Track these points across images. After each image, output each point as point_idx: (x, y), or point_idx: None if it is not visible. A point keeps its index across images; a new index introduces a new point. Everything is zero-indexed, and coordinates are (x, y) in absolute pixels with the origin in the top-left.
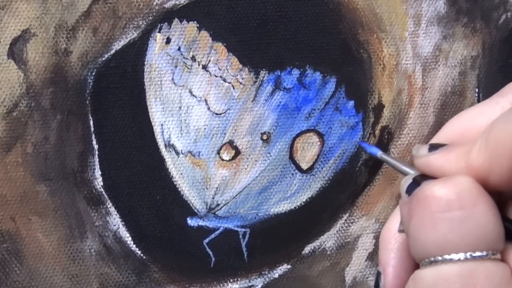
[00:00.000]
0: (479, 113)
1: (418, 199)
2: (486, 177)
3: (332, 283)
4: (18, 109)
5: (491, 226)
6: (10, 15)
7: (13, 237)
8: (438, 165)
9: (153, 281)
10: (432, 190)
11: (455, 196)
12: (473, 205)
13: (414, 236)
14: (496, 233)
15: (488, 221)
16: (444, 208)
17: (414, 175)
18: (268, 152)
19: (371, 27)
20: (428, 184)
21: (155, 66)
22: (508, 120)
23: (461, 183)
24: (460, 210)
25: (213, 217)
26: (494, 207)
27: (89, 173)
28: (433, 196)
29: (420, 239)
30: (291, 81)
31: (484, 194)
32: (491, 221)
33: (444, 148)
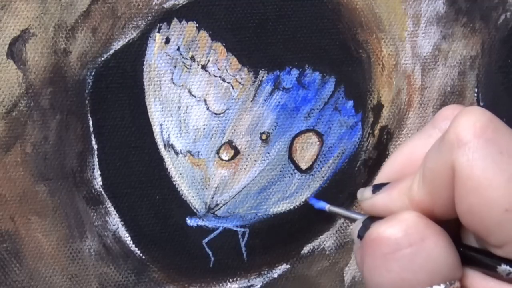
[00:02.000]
0: (415, 147)
1: (367, 243)
2: (431, 209)
3: (331, 283)
4: (18, 109)
5: (444, 256)
6: (9, 15)
7: (12, 237)
8: (383, 205)
9: (152, 281)
10: (378, 232)
11: (402, 234)
12: (421, 240)
13: (369, 280)
14: (450, 263)
15: (439, 253)
16: (393, 248)
17: (363, 219)
18: (267, 152)
19: (370, 27)
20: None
21: (154, 66)
22: (439, 151)
23: (406, 219)
24: (410, 247)
25: (212, 217)
26: (444, 237)
27: (88, 173)
28: (381, 238)
29: (375, 282)
30: (290, 81)
31: (432, 226)
32: (443, 251)
33: (387, 187)
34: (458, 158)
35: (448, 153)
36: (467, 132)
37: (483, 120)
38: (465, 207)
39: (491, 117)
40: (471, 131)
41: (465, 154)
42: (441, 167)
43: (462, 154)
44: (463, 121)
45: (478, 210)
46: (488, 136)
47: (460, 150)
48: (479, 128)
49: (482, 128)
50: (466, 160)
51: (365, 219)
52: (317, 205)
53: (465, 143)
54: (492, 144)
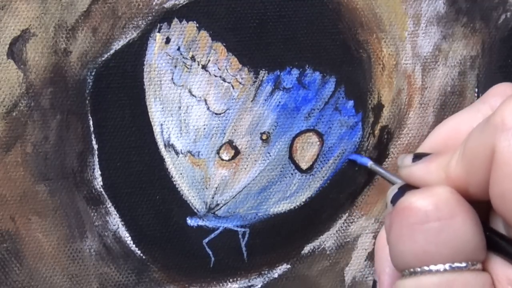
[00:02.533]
0: (462, 121)
1: (397, 210)
2: (466, 187)
3: (331, 283)
4: (18, 109)
5: (470, 236)
6: (9, 15)
7: (12, 237)
8: (420, 176)
9: (152, 281)
10: (410, 201)
11: (432, 207)
12: (451, 216)
13: (393, 247)
14: (475, 244)
15: (466, 232)
16: (421, 219)
17: (400, 185)
18: (267, 152)
19: (371, 27)
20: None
21: (155, 66)
22: (482, 131)
23: (439, 193)
24: (438, 221)
25: (213, 217)
26: (473, 217)
27: (88, 173)
28: (411, 208)
29: (399, 251)
30: (291, 81)
31: (463, 204)
32: (470, 231)
33: (427, 159)
34: (499, 141)
35: (490, 135)
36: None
37: None
38: (499, 191)
39: None
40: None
41: (507, 138)
42: (482, 147)
43: (504, 138)
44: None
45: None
46: None
47: (503, 134)
48: None
49: None
50: (508, 145)
51: (401, 186)
52: (360, 160)
53: (509, 128)
54: None
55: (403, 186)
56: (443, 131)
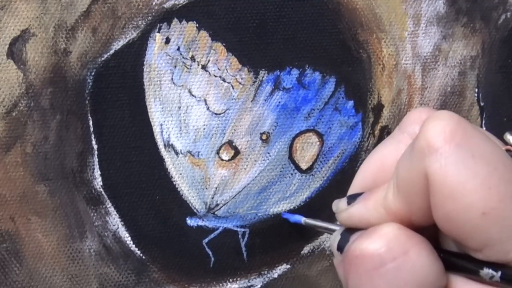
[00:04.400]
0: (385, 154)
1: (350, 259)
2: (408, 218)
3: (331, 283)
4: (18, 109)
5: (428, 266)
6: (9, 15)
7: (12, 237)
8: (360, 216)
9: (152, 281)
10: (361, 248)
11: (384, 249)
12: (404, 252)
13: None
14: (435, 272)
15: (423, 263)
16: (377, 263)
17: (340, 230)
18: (267, 152)
19: (371, 27)
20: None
21: (155, 66)
22: (410, 159)
23: (387, 233)
24: (394, 261)
25: (213, 217)
26: (426, 246)
27: (88, 173)
28: (364, 254)
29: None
30: (291, 81)
31: (413, 236)
32: (427, 261)
33: (362, 198)
34: (430, 165)
35: (420, 160)
36: (437, 138)
37: (452, 124)
38: (442, 213)
39: (459, 121)
40: (441, 137)
41: (437, 160)
42: (414, 175)
43: (434, 160)
44: (432, 127)
45: (455, 216)
46: (459, 140)
47: (432, 156)
48: (449, 133)
49: (452, 133)
50: (439, 167)
51: (343, 231)
52: (292, 219)
53: (436, 149)
54: (463, 148)
55: (345, 231)
56: (369, 168)
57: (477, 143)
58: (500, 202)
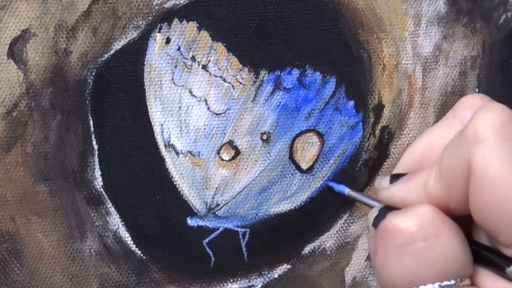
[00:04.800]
0: (434, 137)
1: (381, 233)
2: (446, 204)
3: (332, 283)
4: (18, 109)
5: (456, 253)
6: (10, 15)
7: (13, 237)
8: (399, 197)
9: (153, 281)
10: (393, 223)
11: (417, 227)
12: (436, 235)
13: (380, 270)
14: (462, 260)
15: (452, 249)
16: (407, 240)
17: (379, 207)
18: (268, 152)
19: (371, 27)
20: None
21: (155, 66)
22: (456, 146)
23: (422, 213)
24: (424, 241)
25: (213, 217)
26: (458, 233)
27: (89, 173)
28: (395, 230)
29: (386, 273)
30: (291, 81)
31: (447, 221)
32: (456, 248)
33: (404, 179)
34: (475, 155)
35: (465, 149)
36: (485, 130)
37: (502, 118)
38: (479, 204)
39: (510, 115)
40: (489, 129)
41: (482, 151)
42: (458, 163)
43: (479, 151)
44: (482, 118)
45: (491, 208)
46: (506, 134)
47: (477, 147)
48: (498, 126)
49: (501, 126)
50: (483, 158)
51: (381, 208)
52: (337, 188)
53: (483, 140)
54: (509, 142)
55: (383, 208)
56: (417, 149)
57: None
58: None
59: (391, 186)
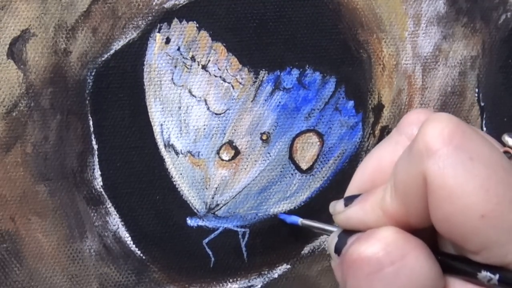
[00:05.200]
0: (383, 155)
1: (347, 263)
2: (406, 220)
3: (331, 283)
4: (18, 109)
5: (426, 270)
6: (9, 15)
7: (12, 237)
8: (357, 218)
9: (152, 281)
10: (358, 252)
11: (383, 253)
12: (402, 256)
13: None
14: (433, 275)
15: (421, 267)
16: (375, 267)
17: (338, 232)
18: (267, 152)
19: (371, 27)
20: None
21: (155, 66)
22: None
23: (386, 237)
24: (392, 265)
25: (213, 217)
26: (424, 250)
27: (88, 173)
28: (362, 258)
29: None
30: (291, 81)
31: (411, 240)
32: (424, 265)
33: (359, 200)
34: (428, 167)
35: (418, 163)
36: (435, 140)
37: (450, 126)
38: (440, 216)
39: (458, 123)
40: (439, 139)
41: (435, 163)
42: (412, 177)
43: (433, 163)
44: (430, 129)
45: (454, 218)
46: (457, 142)
47: (430, 159)
48: (448, 135)
49: (450, 135)
50: (437, 169)
51: (340, 233)
52: (289, 219)
53: (435, 152)
54: (461, 150)
55: (342, 233)
56: (366, 169)
57: (475, 145)
58: (499, 205)
59: (347, 209)
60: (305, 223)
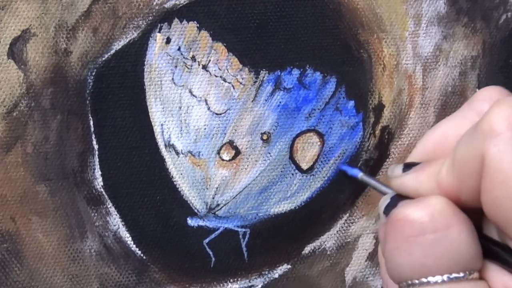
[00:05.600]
0: (449, 128)
1: (391, 222)
2: (458, 196)
3: (332, 283)
4: (18, 109)
5: (466, 246)
6: (10, 15)
7: (13, 237)
8: (411, 186)
9: (153, 281)
10: (405, 213)
11: (428, 219)
12: (446, 227)
13: (390, 259)
14: (472, 253)
15: (462, 242)
16: (417, 231)
17: (391, 195)
18: (268, 152)
19: (371, 27)
20: (401, 206)
21: (155, 66)
22: (470, 139)
23: (434, 204)
24: (434, 233)
25: (213, 217)
26: (469, 226)
27: (89, 173)
28: (406, 220)
29: (395, 263)
30: (291, 81)
31: (458, 213)
32: (466, 241)
33: (417, 168)
34: (489, 148)
35: (479, 142)
36: (500, 124)
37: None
38: (491, 198)
39: None
40: (505, 123)
41: (496, 145)
42: (471, 155)
43: (494, 145)
44: (498, 112)
45: (503, 203)
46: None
47: (492, 141)
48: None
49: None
50: (497, 152)
51: (393, 196)
52: (350, 172)
53: (498, 134)
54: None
55: (395, 196)
56: (431, 139)
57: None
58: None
59: (404, 174)
60: (365, 178)
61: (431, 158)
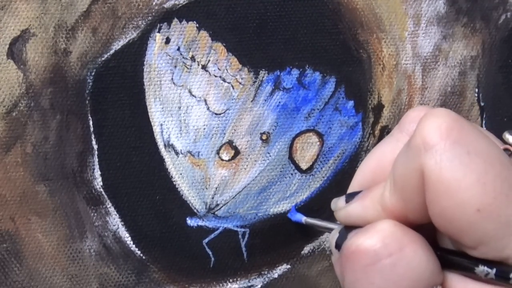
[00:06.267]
0: (384, 152)
1: (346, 255)
2: (405, 215)
3: (331, 283)
4: (18, 109)
5: (424, 263)
6: (9, 15)
7: (12, 237)
8: (357, 214)
9: (152, 281)
10: (357, 243)
11: (380, 245)
12: (400, 249)
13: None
14: (431, 269)
15: (419, 260)
16: (373, 259)
17: (339, 229)
18: (267, 152)
19: (371, 27)
20: (352, 237)
21: (155, 66)
22: (406, 156)
23: (383, 229)
24: (389, 257)
25: (213, 217)
26: (422, 243)
27: (88, 173)
28: (360, 250)
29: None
30: (291, 81)
31: (409, 233)
32: (422, 258)
33: (360, 196)
34: (426, 162)
35: (416, 157)
36: (433, 135)
37: (448, 121)
38: (437, 210)
39: (456, 118)
40: (437, 134)
41: (432, 157)
42: (410, 172)
43: (430, 157)
44: (428, 124)
45: (450, 213)
46: (454, 137)
47: (428, 153)
48: (445, 130)
49: (447, 130)
50: (434, 163)
51: (341, 229)
52: (293, 218)
53: (432, 146)
54: (458, 145)
55: (343, 229)
56: (368, 167)
57: (473, 140)
58: (495, 199)
59: (348, 205)
60: (309, 221)
61: (370, 186)
